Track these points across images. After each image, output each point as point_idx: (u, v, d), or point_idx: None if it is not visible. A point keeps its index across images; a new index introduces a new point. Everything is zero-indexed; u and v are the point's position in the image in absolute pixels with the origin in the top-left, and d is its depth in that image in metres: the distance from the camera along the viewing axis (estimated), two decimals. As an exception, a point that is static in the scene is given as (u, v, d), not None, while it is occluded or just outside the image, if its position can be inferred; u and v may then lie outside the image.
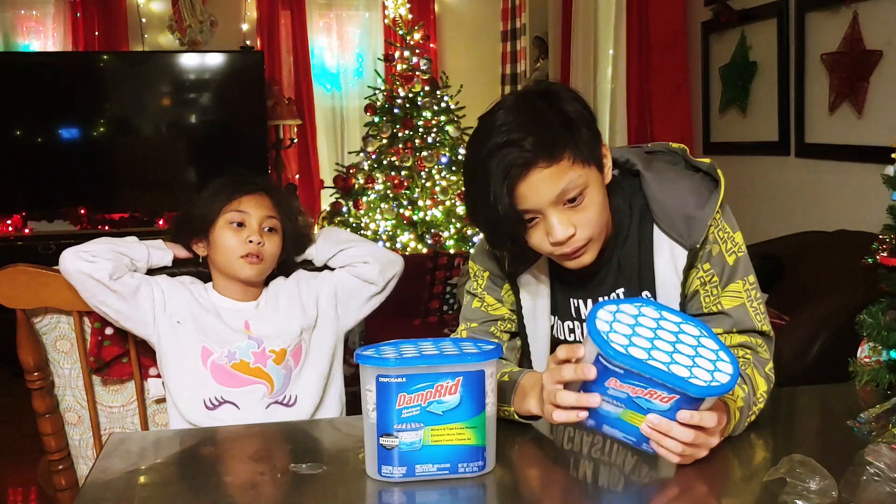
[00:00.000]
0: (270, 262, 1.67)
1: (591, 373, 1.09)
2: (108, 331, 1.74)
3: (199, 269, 1.74)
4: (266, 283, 1.76)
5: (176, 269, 1.74)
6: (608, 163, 1.33)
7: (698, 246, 1.34)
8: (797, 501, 1.05)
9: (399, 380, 1.10)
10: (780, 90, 3.55)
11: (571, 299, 1.44)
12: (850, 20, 3.09)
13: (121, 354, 1.75)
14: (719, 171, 1.37)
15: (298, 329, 1.69)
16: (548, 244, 1.27)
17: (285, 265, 1.78)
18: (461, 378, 1.11)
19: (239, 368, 1.62)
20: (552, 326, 1.47)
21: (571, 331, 1.46)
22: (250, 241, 1.62)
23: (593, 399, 1.10)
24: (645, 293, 1.40)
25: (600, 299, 1.41)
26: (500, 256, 1.45)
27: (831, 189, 3.32)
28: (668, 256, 1.36)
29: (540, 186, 1.22)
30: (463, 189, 5.01)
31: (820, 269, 2.88)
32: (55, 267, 1.70)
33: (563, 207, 1.25)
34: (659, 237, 1.37)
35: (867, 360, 1.55)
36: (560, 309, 1.46)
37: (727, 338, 1.36)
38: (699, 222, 1.33)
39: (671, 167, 1.40)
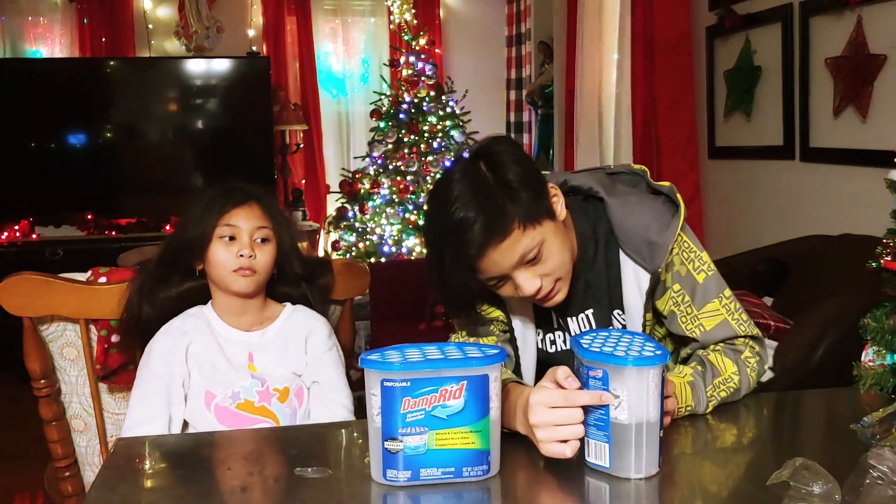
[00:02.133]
0: (265, 273, 1.64)
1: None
2: (115, 338, 1.74)
3: (198, 282, 1.70)
4: (276, 304, 1.73)
5: (176, 306, 1.69)
6: (559, 202, 1.39)
7: (661, 270, 1.41)
8: (800, 505, 1.05)
9: (404, 384, 1.11)
10: (784, 94, 3.55)
11: (551, 311, 1.50)
12: (855, 24, 3.10)
13: (127, 362, 1.75)
14: (679, 196, 1.43)
15: (298, 373, 1.67)
16: (520, 296, 1.36)
17: (295, 282, 1.74)
18: (465, 382, 1.12)
19: (244, 408, 1.61)
20: (539, 339, 1.53)
21: (553, 342, 1.52)
22: (241, 256, 1.60)
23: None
24: (616, 311, 1.47)
25: (570, 317, 1.49)
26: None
27: (836, 193, 3.32)
28: (633, 279, 1.44)
29: (497, 259, 1.29)
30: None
31: (824, 273, 2.88)
32: (61, 275, 1.71)
33: (526, 266, 1.32)
34: (624, 260, 1.44)
35: (871, 363, 1.56)
36: (542, 321, 1.52)
37: (712, 347, 1.45)
38: (660, 248, 1.40)
39: (633, 192, 1.47)
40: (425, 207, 1.40)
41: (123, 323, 1.69)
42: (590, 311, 1.48)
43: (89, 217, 5.63)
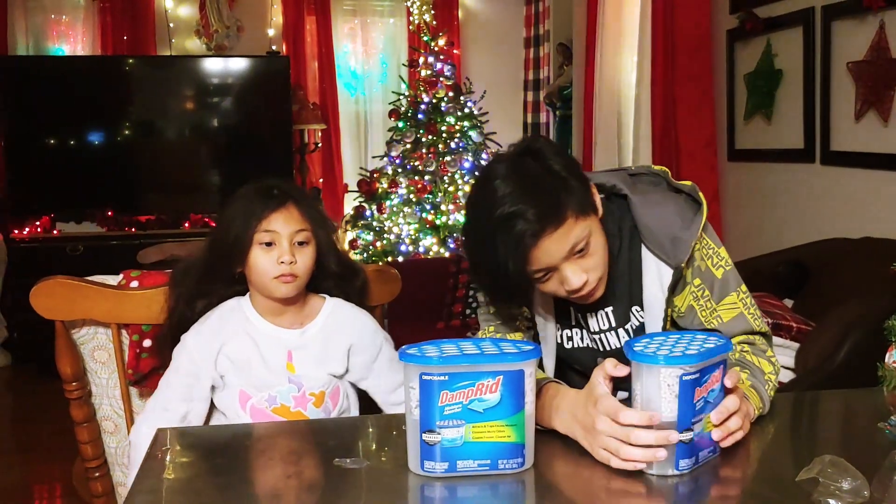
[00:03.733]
0: (306, 276, 1.62)
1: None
2: (147, 343, 1.74)
3: (239, 287, 1.68)
4: (316, 298, 1.70)
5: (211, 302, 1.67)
6: (598, 199, 1.42)
7: (683, 265, 1.43)
8: (830, 500, 1.07)
9: (442, 378, 1.13)
10: (805, 98, 3.56)
11: (570, 307, 1.52)
12: (877, 29, 3.10)
13: (158, 366, 1.74)
14: (701, 195, 1.46)
15: (337, 374, 1.66)
16: (563, 290, 1.37)
17: (333, 279, 1.71)
18: (501, 377, 1.14)
19: (280, 413, 1.61)
20: (559, 334, 1.55)
21: (570, 339, 1.55)
22: (282, 262, 1.57)
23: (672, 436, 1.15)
24: (635, 308, 1.50)
25: (590, 313, 1.51)
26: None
27: (857, 196, 3.32)
28: (655, 275, 1.46)
29: (551, 249, 1.31)
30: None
31: (846, 275, 2.89)
32: (93, 278, 1.71)
33: (574, 258, 1.34)
34: (647, 256, 1.46)
35: (895, 365, 1.57)
36: (561, 317, 1.54)
37: (740, 348, 1.47)
38: (684, 242, 1.42)
39: (656, 190, 1.50)
40: (469, 206, 1.40)
41: (163, 330, 1.68)
42: (609, 309, 1.50)
43: (109, 214, 5.69)
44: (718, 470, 1.19)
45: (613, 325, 1.50)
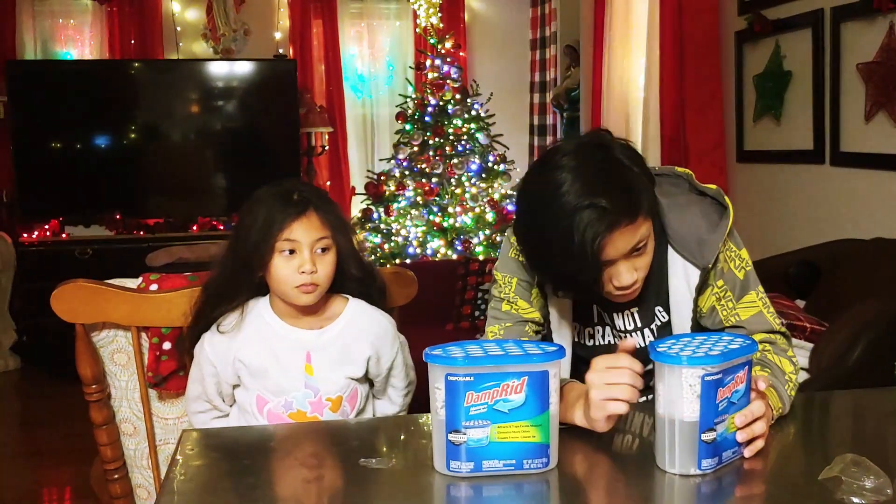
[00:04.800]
0: (327, 283, 1.61)
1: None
2: (166, 345, 1.75)
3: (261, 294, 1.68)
4: (338, 299, 1.69)
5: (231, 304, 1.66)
6: None
7: (710, 266, 1.45)
8: (853, 499, 1.08)
9: (467, 378, 1.14)
10: (815, 99, 3.56)
11: (594, 305, 1.53)
12: (887, 30, 3.11)
13: (178, 369, 1.76)
14: (727, 199, 1.48)
15: (355, 377, 1.66)
16: (609, 286, 1.38)
17: (354, 281, 1.70)
18: (526, 378, 1.16)
19: (296, 417, 1.61)
20: (576, 333, 1.57)
21: (591, 336, 1.56)
22: (303, 272, 1.56)
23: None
24: (658, 308, 1.51)
25: (616, 312, 1.53)
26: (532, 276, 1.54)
27: (867, 197, 3.33)
28: (681, 275, 1.47)
29: (619, 243, 1.31)
30: (491, 197, 5.12)
31: (857, 276, 2.89)
32: (108, 281, 1.72)
33: (630, 256, 1.35)
34: (673, 257, 1.48)
35: (910, 364, 1.58)
36: (582, 315, 1.55)
37: (761, 347, 1.47)
38: (711, 244, 1.44)
39: (681, 193, 1.51)
40: (533, 195, 1.35)
41: (186, 336, 1.69)
42: (635, 309, 1.51)
43: (118, 217, 5.70)
44: (739, 469, 1.20)
45: (639, 325, 1.51)
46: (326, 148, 6.20)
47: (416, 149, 5.29)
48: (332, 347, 1.64)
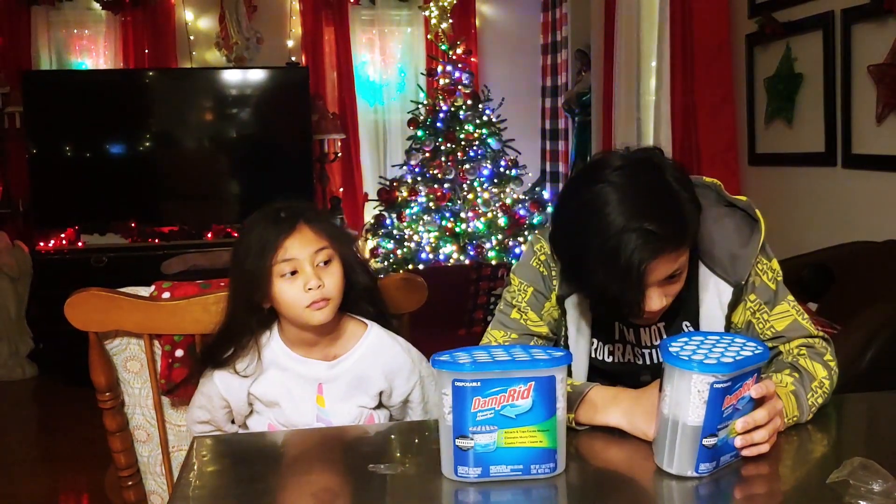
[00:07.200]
0: (338, 296, 1.54)
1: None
2: (179, 353, 1.76)
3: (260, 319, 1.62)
4: (356, 325, 1.64)
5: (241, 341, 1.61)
6: None
7: (743, 282, 1.42)
8: (861, 502, 1.08)
9: (474, 384, 1.15)
10: (826, 101, 3.55)
11: (616, 322, 1.50)
12: (898, 32, 3.10)
13: (190, 376, 1.74)
14: (758, 212, 1.45)
15: (369, 406, 1.63)
16: (640, 311, 1.34)
17: (366, 293, 1.65)
18: (533, 383, 1.16)
19: None
20: (594, 349, 1.53)
21: (611, 353, 1.53)
22: (310, 289, 1.49)
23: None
24: (685, 323, 1.48)
25: (642, 328, 1.49)
26: (552, 280, 1.51)
27: (880, 200, 3.31)
28: (713, 292, 1.44)
29: (658, 268, 1.28)
30: (503, 202, 5.13)
31: (870, 279, 2.88)
32: (122, 289, 1.73)
33: (666, 284, 1.32)
34: (704, 273, 1.44)
35: (923, 367, 1.57)
36: (603, 332, 1.52)
37: (786, 345, 1.46)
38: (744, 260, 1.41)
39: (710, 205, 1.45)
40: (573, 207, 1.32)
41: (191, 373, 1.69)
42: (662, 324, 1.48)
43: (133, 225, 5.74)
44: (749, 473, 1.20)
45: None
46: (339, 154, 6.23)
47: (428, 154, 5.31)
48: (343, 378, 1.60)
